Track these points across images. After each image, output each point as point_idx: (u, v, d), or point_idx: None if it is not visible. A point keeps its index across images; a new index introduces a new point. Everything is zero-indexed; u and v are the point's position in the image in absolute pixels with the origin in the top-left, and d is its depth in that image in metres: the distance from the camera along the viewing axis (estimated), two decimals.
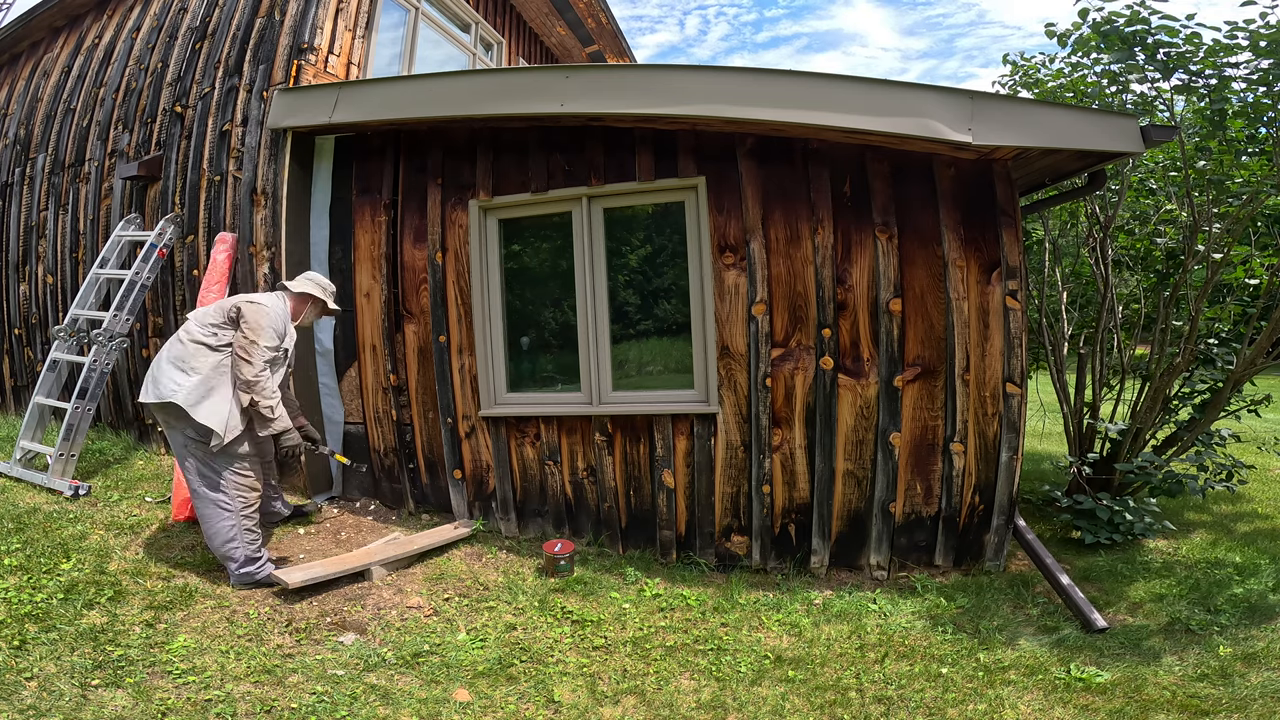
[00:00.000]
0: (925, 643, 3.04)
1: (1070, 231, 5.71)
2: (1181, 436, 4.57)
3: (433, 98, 3.92)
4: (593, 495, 4.06)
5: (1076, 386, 4.88)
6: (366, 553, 3.66)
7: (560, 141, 3.97)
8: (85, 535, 3.51)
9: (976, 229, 3.50)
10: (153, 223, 5.04)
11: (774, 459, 3.75)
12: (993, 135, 3.14)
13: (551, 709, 2.59)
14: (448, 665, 2.80)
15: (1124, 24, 3.79)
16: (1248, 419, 5.03)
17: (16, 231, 6.13)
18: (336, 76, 4.73)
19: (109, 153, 5.48)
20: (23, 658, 2.51)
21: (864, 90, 3.26)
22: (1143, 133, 3.09)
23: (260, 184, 4.44)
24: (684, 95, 3.44)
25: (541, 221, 4.16)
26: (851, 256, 3.60)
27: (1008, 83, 5.63)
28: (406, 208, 4.28)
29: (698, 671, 2.85)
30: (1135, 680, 2.69)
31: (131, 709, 2.36)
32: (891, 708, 2.59)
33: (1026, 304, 3.54)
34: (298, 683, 2.60)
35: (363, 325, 4.38)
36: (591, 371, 3.99)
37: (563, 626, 3.16)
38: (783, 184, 3.67)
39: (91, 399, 4.26)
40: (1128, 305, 5.21)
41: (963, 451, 3.57)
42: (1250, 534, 4.31)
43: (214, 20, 5.02)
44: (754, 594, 3.53)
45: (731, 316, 3.73)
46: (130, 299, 4.47)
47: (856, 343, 3.62)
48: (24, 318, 6.02)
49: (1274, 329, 4.00)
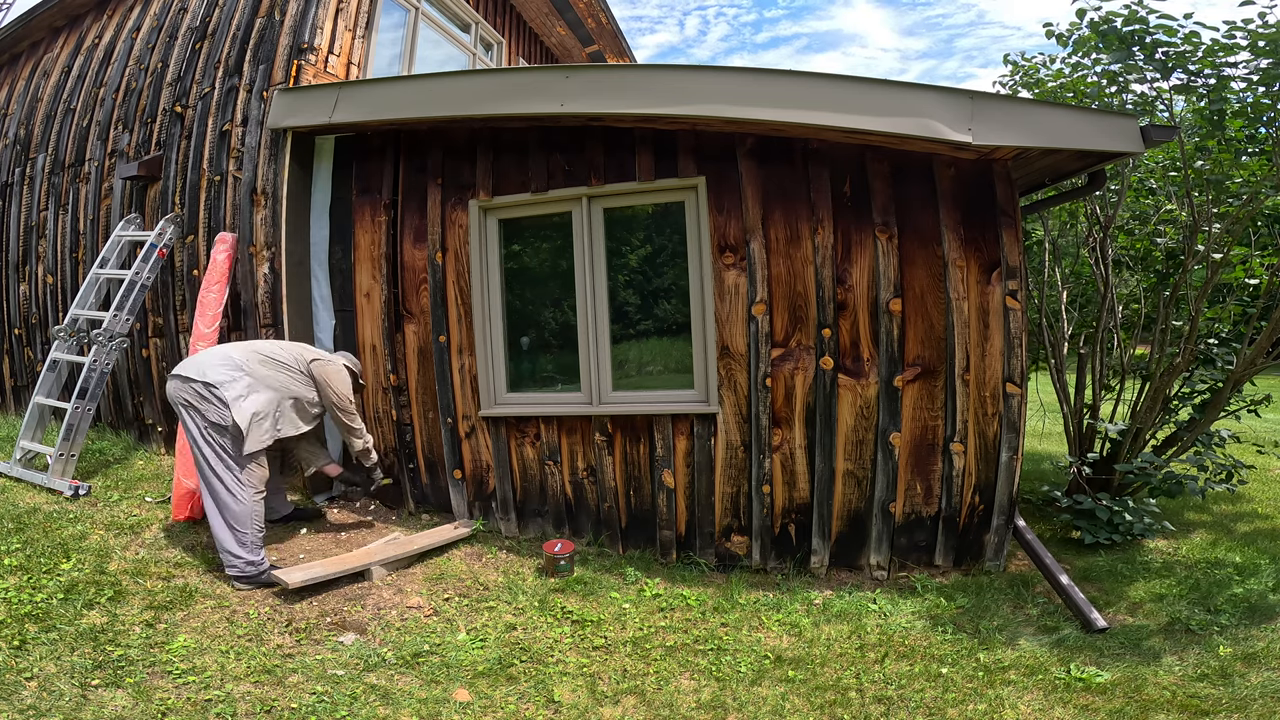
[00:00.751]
0: (925, 643, 3.04)
1: (1070, 231, 5.72)
2: (1181, 437, 4.57)
3: (433, 98, 3.92)
4: (593, 495, 4.06)
5: (1076, 386, 4.88)
6: (366, 553, 3.66)
7: (560, 141, 3.97)
8: (85, 535, 3.51)
9: (976, 229, 3.50)
10: (153, 223, 5.04)
11: (774, 459, 3.75)
12: (993, 135, 3.14)
13: (551, 709, 2.59)
14: (448, 665, 2.80)
15: (1122, 24, 3.79)
16: (1248, 419, 5.03)
17: (16, 231, 6.13)
18: (336, 76, 4.73)
19: (109, 153, 5.48)
20: (23, 658, 2.51)
21: (864, 90, 3.27)
22: (1142, 133, 3.09)
23: (260, 184, 4.44)
24: (684, 95, 3.44)
25: (541, 221, 4.16)
26: (851, 256, 3.60)
27: (1008, 83, 5.63)
28: (406, 208, 4.28)
29: (698, 671, 2.85)
30: (1135, 680, 2.69)
31: (131, 709, 2.35)
32: (891, 708, 2.59)
33: (1026, 304, 3.54)
34: (298, 683, 2.60)
35: (362, 325, 4.38)
36: (591, 371, 3.99)
37: (563, 626, 3.16)
38: (783, 184, 3.67)
39: (91, 399, 4.26)
40: (1128, 305, 5.21)
41: (963, 451, 3.57)
42: (1250, 534, 4.31)
43: (214, 20, 5.02)
44: (754, 594, 3.53)
45: (731, 316, 3.73)
46: (130, 299, 4.47)
47: (856, 343, 3.62)
48: (24, 318, 6.02)
49: (1274, 329, 4.01)
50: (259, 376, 3.44)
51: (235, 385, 3.34)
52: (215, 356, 3.47)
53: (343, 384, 3.73)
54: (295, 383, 3.58)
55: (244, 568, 3.24)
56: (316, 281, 4.46)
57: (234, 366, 3.41)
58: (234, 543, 3.24)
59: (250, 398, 3.35)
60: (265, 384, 3.45)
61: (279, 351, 3.62)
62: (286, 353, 3.64)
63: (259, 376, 3.44)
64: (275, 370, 3.52)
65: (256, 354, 3.53)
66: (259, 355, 3.53)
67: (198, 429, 3.31)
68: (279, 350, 3.63)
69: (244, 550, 3.25)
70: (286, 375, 3.56)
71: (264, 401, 3.39)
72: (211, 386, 3.30)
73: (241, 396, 3.33)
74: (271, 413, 3.42)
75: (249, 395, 3.35)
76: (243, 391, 3.34)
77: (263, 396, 3.40)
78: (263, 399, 3.40)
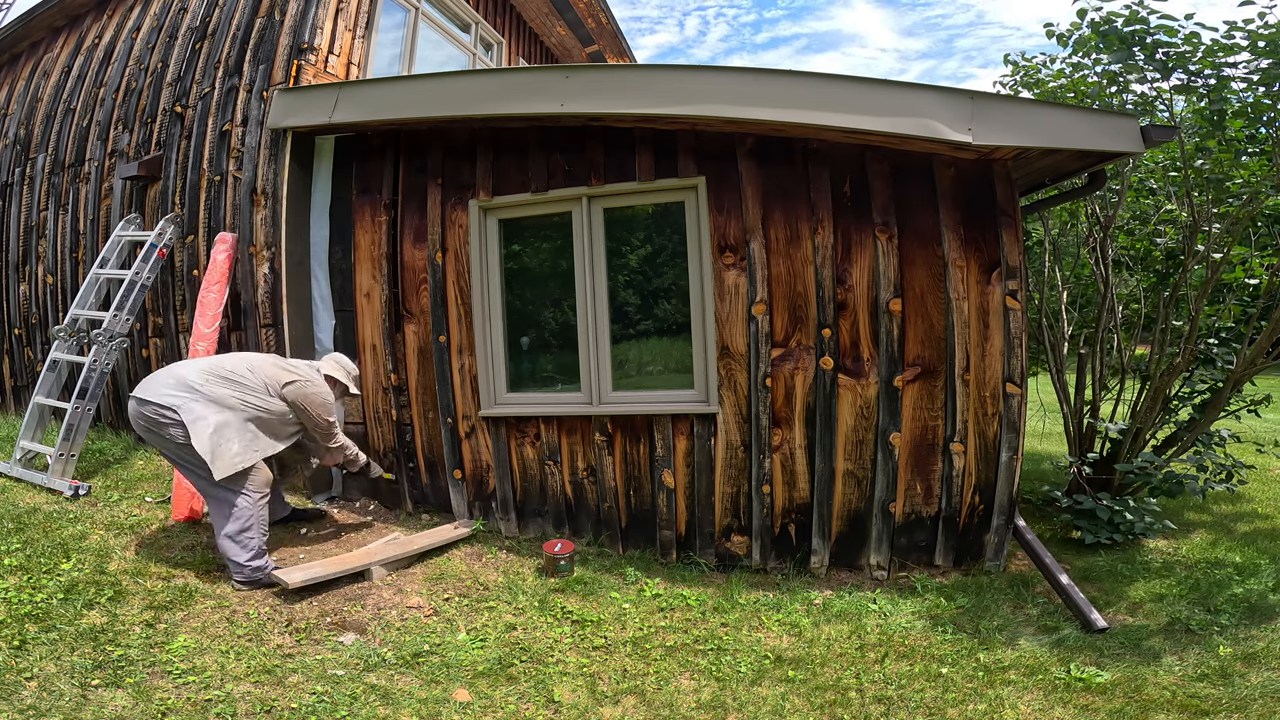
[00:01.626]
0: (925, 643, 3.04)
1: (1070, 231, 5.72)
2: (1181, 436, 4.57)
3: (433, 98, 3.92)
4: (593, 495, 4.06)
5: (1076, 386, 4.88)
6: (366, 553, 3.65)
7: (560, 141, 3.97)
8: (85, 535, 3.51)
9: (976, 229, 3.50)
10: (153, 223, 5.04)
11: (774, 459, 3.74)
12: (993, 135, 3.14)
13: (551, 709, 2.59)
14: (448, 665, 2.80)
15: (1122, 24, 3.79)
16: (1248, 419, 5.03)
17: (16, 231, 6.14)
18: (336, 76, 4.73)
19: (109, 153, 5.48)
20: (23, 658, 2.51)
21: (864, 90, 3.27)
22: (1143, 133, 3.09)
23: (260, 184, 4.44)
24: (684, 95, 3.44)
25: (541, 221, 4.16)
26: (851, 256, 3.60)
27: (1009, 83, 5.63)
28: (406, 208, 4.28)
29: (698, 671, 2.85)
30: (1135, 680, 2.69)
31: (131, 709, 2.35)
32: (891, 708, 2.59)
33: (1026, 304, 3.54)
34: (298, 683, 2.60)
35: (362, 325, 4.38)
36: (591, 371, 3.99)
37: (563, 626, 3.16)
38: (783, 184, 3.67)
39: (91, 399, 4.26)
40: (1128, 305, 5.21)
41: (963, 451, 3.57)
42: (1250, 534, 4.31)
43: (214, 20, 5.03)
44: (754, 594, 3.53)
45: (731, 316, 3.73)
46: (130, 299, 4.47)
47: (856, 343, 3.62)
48: (24, 318, 6.02)
49: (1274, 329, 4.00)
50: (216, 398, 3.23)
51: (191, 408, 3.16)
52: (169, 377, 3.29)
53: (323, 405, 3.51)
54: (258, 401, 3.34)
55: (249, 573, 3.23)
56: (316, 281, 4.46)
57: (186, 388, 3.22)
58: (237, 549, 3.21)
59: (207, 419, 3.17)
60: (223, 404, 3.24)
61: (241, 370, 3.38)
62: (254, 373, 3.39)
63: (216, 398, 3.23)
64: (232, 390, 3.29)
65: (214, 374, 3.31)
66: (217, 375, 3.31)
67: (172, 454, 3.27)
68: (242, 368, 3.39)
69: (247, 555, 3.22)
70: (248, 394, 3.32)
71: (224, 423, 3.20)
72: (167, 410, 3.15)
73: (200, 419, 3.15)
74: (237, 435, 3.22)
75: (206, 418, 3.17)
76: (201, 414, 3.17)
77: (222, 418, 3.21)
78: (222, 420, 3.20)
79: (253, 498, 3.28)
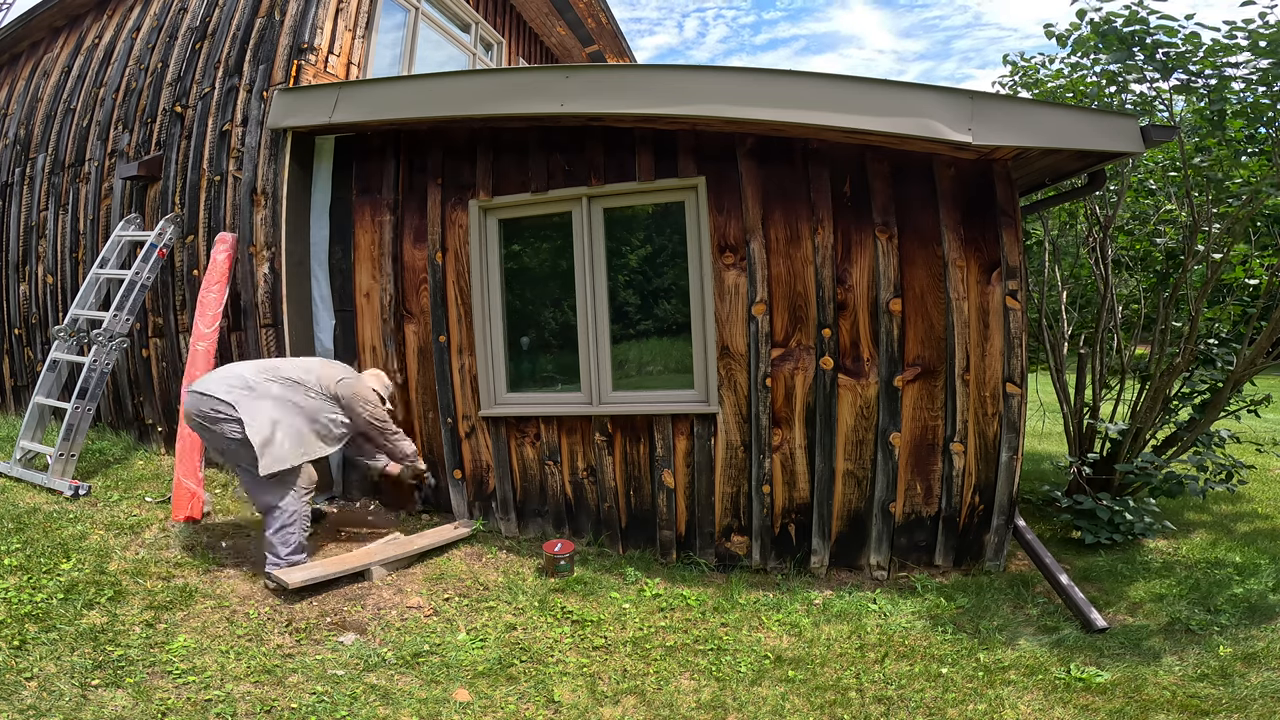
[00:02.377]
0: (925, 643, 3.04)
1: (1070, 231, 5.72)
2: (1181, 437, 4.57)
3: (433, 98, 3.93)
4: (593, 495, 4.06)
5: (1076, 386, 4.88)
6: (366, 553, 3.65)
7: (560, 141, 3.97)
8: (85, 535, 3.51)
9: (976, 229, 3.50)
10: (153, 223, 5.04)
11: (774, 459, 3.74)
12: (993, 135, 3.14)
13: (551, 709, 2.59)
14: (448, 665, 2.80)
15: (1122, 24, 3.79)
16: (1248, 419, 5.03)
17: (16, 231, 6.13)
18: (336, 77, 4.73)
19: (109, 153, 5.48)
20: (23, 658, 2.51)
21: (864, 90, 3.27)
22: (1142, 133, 3.09)
23: (260, 184, 4.44)
24: (684, 95, 3.44)
25: (541, 221, 4.16)
26: (851, 256, 3.60)
27: (1008, 83, 5.63)
28: (406, 208, 4.28)
29: (698, 671, 2.85)
30: (1135, 680, 2.69)
31: (131, 709, 2.35)
32: (891, 708, 2.59)
33: (1026, 304, 3.54)
34: (298, 683, 2.60)
35: (363, 325, 4.38)
36: (591, 371, 3.99)
37: (563, 626, 3.16)
38: (783, 184, 3.67)
39: (91, 399, 4.26)
40: (1128, 305, 5.21)
41: (963, 451, 3.57)
42: (1250, 534, 4.31)
43: (214, 20, 5.02)
44: (754, 594, 3.53)
45: (731, 316, 3.73)
46: (130, 299, 4.47)
47: (856, 343, 3.62)
48: (24, 318, 6.02)
49: (1274, 329, 4.01)
50: (273, 395, 3.39)
51: (247, 405, 3.29)
52: (228, 374, 3.44)
53: (373, 403, 3.71)
54: (313, 401, 3.51)
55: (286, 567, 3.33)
56: (316, 281, 4.46)
57: (244, 385, 3.36)
58: (278, 544, 3.33)
59: (263, 415, 3.30)
60: (279, 402, 3.39)
61: (297, 371, 3.56)
62: (309, 373, 3.58)
63: (273, 395, 3.39)
64: (288, 390, 3.46)
65: (271, 373, 3.48)
66: (274, 375, 3.48)
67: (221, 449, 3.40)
68: (298, 369, 3.57)
69: (287, 550, 3.35)
70: (303, 394, 3.49)
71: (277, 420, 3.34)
72: (224, 404, 3.27)
73: (256, 414, 3.29)
74: (289, 434, 3.36)
75: (262, 414, 3.31)
76: (256, 410, 3.30)
77: (276, 415, 3.35)
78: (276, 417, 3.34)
79: (298, 495, 3.40)
